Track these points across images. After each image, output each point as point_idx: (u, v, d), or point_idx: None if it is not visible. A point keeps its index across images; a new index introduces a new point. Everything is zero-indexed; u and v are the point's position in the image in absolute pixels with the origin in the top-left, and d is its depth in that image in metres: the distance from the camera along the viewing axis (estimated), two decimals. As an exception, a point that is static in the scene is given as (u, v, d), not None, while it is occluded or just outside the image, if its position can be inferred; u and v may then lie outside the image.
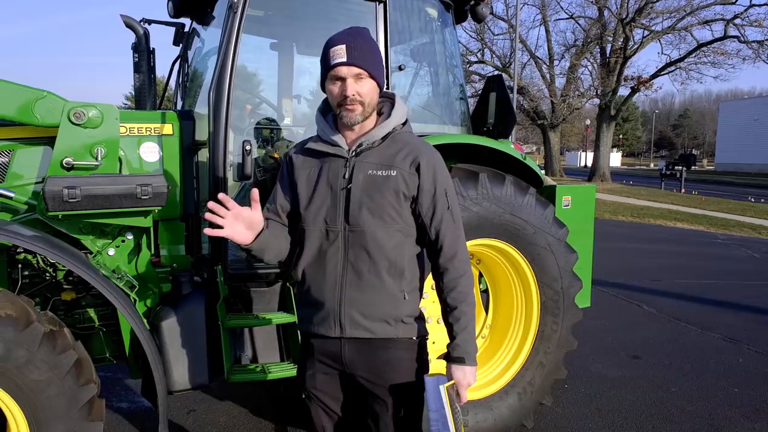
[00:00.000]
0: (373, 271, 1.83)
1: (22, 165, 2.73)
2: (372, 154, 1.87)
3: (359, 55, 1.80)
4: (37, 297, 2.83)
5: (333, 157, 1.89)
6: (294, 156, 1.99)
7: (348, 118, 1.83)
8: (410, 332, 1.91)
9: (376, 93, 1.87)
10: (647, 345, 5.31)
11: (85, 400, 2.25)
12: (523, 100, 30.12)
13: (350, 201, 1.84)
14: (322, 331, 1.89)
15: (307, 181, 1.92)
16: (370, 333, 1.85)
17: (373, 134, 1.88)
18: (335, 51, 1.80)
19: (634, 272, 8.60)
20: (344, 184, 1.85)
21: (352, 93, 1.79)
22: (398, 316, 1.87)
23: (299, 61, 4.33)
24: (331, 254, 1.86)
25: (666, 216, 16.42)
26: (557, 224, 3.38)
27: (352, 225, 1.84)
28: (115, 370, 4.08)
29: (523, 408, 3.38)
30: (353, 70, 1.79)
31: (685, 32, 27.39)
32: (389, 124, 1.90)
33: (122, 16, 3.49)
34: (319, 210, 1.88)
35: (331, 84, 1.83)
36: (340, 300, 1.84)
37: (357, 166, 1.86)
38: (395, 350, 1.89)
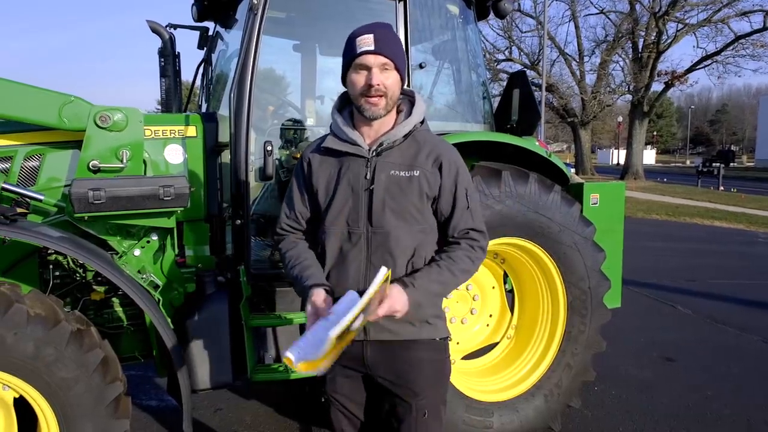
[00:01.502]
0: (396, 272, 1.81)
1: (51, 168, 2.80)
2: (393, 153, 1.84)
3: (387, 45, 1.77)
4: (68, 297, 2.90)
5: (353, 156, 1.85)
6: (311, 156, 1.94)
7: (370, 111, 1.78)
8: (433, 333, 1.89)
9: (398, 88, 1.83)
10: (681, 347, 5.15)
11: (112, 398, 2.30)
12: (552, 98, 29.67)
13: (373, 202, 1.81)
14: None
15: (327, 182, 1.88)
16: (394, 335, 1.84)
17: (394, 133, 1.84)
18: (362, 40, 1.76)
19: (669, 272, 8.36)
20: (366, 185, 1.82)
21: (378, 83, 1.75)
22: (422, 317, 1.85)
23: (322, 62, 4.35)
24: (354, 256, 1.83)
25: (703, 214, 15.92)
26: (584, 222, 3.30)
27: (375, 226, 1.81)
28: (145, 368, 4.15)
29: (549, 410, 3.31)
30: (380, 60, 1.75)
31: (722, 24, 26.53)
32: (410, 123, 1.86)
33: (148, 22, 3.55)
34: (340, 212, 1.84)
35: (354, 73, 1.79)
36: None
37: (379, 167, 1.82)
38: (418, 351, 1.86)
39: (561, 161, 3.52)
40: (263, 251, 3.22)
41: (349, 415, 1.98)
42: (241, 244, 2.95)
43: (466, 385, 3.20)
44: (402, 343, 1.85)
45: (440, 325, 1.92)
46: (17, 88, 2.61)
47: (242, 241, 2.93)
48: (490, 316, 3.54)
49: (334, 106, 1.96)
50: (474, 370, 3.49)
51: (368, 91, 1.76)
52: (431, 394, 1.90)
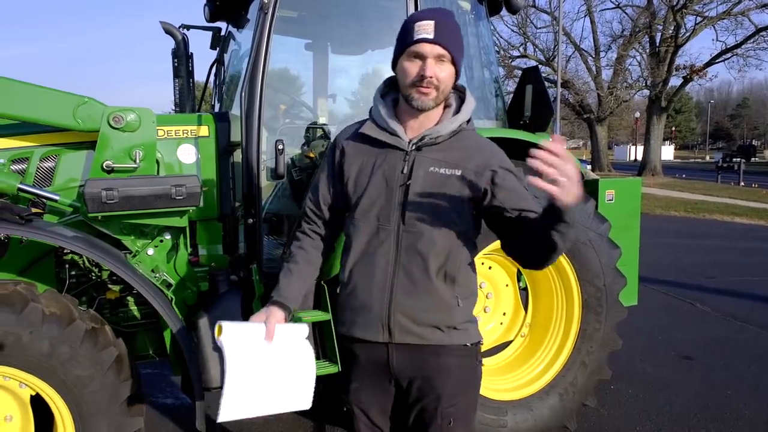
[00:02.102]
0: (427, 275, 1.70)
1: (66, 169, 2.84)
2: (435, 149, 1.72)
3: (447, 35, 1.64)
4: (84, 296, 2.94)
5: (390, 148, 1.73)
6: (345, 142, 1.82)
7: (419, 101, 1.66)
8: (464, 338, 1.77)
9: (452, 81, 1.70)
10: (700, 345, 5.06)
11: (126, 396, 2.33)
12: (568, 94, 29.39)
13: (408, 198, 1.69)
14: (368, 336, 1.75)
15: (359, 171, 1.76)
16: (421, 339, 1.72)
17: (440, 129, 1.72)
18: (421, 26, 1.63)
19: (687, 269, 8.23)
20: (402, 180, 1.70)
21: (431, 74, 1.62)
22: (451, 324, 1.74)
23: (334, 61, 4.35)
24: (381, 254, 1.71)
25: (723, 210, 15.65)
26: (599, 219, 3.26)
27: (408, 225, 1.69)
28: (161, 366, 4.19)
29: (564, 409, 3.27)
30: (437, 50, 1.63)
31: (742, 17, 26.06)
32: (458, 120, 1.74)
33: (162, 23, 3.58)
34: (371, 205, 1.73)
35: (407, 60, 1.66)
36: (389, 304, 1.70)
37: (417, 161, 1.71)
38: (447, 357, 1.75)
39: (575, 158, 3.47)
40: (276, 250, 3.23)
41: (371, 427, 1.87)
42: (253, 243, 2.96)
43: (479, 383, 3.17)
44: (431, 348, 1.73)
45: (471, 329, 1.80)
46: (33, 90, 2.65)
47: (255, 240, 2.95)
48: (503, 314, 3.51)
49: (378, 90, 1.83)
50: (488, 369, 3.46)
51: (420, 81, 1.64)
52: (459, 401, 1.79)
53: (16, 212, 2.22)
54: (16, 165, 2.76)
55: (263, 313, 1.74)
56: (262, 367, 1.66)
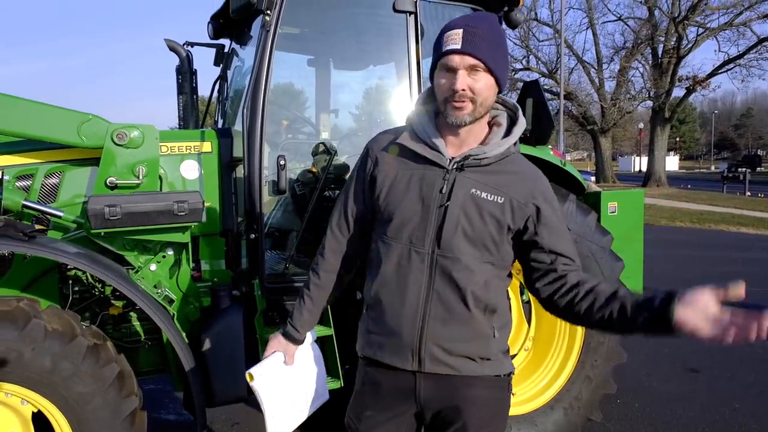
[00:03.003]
0: (464, 304, 1.59)
1: (71, 185, 2.86)
2: (479, 171, 1.60)
3: (477, 43, 1.50)
4: (87, 312, 2.95)
5: (430, 164, 1.61)
6: (380, 153, 1.69)
7: (454, 117, 1.55)
8: (496, 369, 1.67)
9: (492, 92, 1.57)
10: (706, 358, 5.02)
11: (128, 412, 2.31)
12: (571, 106, 29.46)
13: (445, 221, 1.57)
14: (395, 362, 1.64)
15: (393, 185, 1.64)
16: (453, 370, 1.62)
17: (487, 150, 1.60)
18: (450, 36, 1.52)
19: (693, 280, 8.11)
20: (441, 201, 1.58)
21: (462, 87, 1.51)
22: (486, 355, 1.64)
23: (336, 76, 4.39)
24: (414, 278, 1.59)
25: (729, 221, 15.58)
26: (600, 231, 3.26)
27: (444, 249, 1.58)
28: (164, 382, 4.19)
29: (569, 424, 3.25)
30: (467, 60, 1.50)
31: (744, 27, 26.17)
32: (507, 142, 1.62)
33: (166, 41, 3.63)
34: (404, 224, 1.61)
35: (440, 75, 1.56)
36: (421, 332, 1.60)
37: (459, 182, 1.59)
38: (478, 388, 1.65)
39: (575, 170, 3.48)
40: (278, 265, 3.24)
41: None
42: (255, 259, 2.97)
43: (483, 398, 3.16)
44: (461, 378, 1.63)
45: (504, 360, 1.70)
46: (38, 108, 2.68)
47: (257, 256, 2.95)
48: (507, 328, 3.49)
49: (419, 100, 1.71)
50: (491, 383, 3.44)
51: (452, 95, 1.53)
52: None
53: (20, 229, 2.23)
54: (21, 181, 2.78)
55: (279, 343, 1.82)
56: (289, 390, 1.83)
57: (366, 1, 3.27)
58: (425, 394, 1.65)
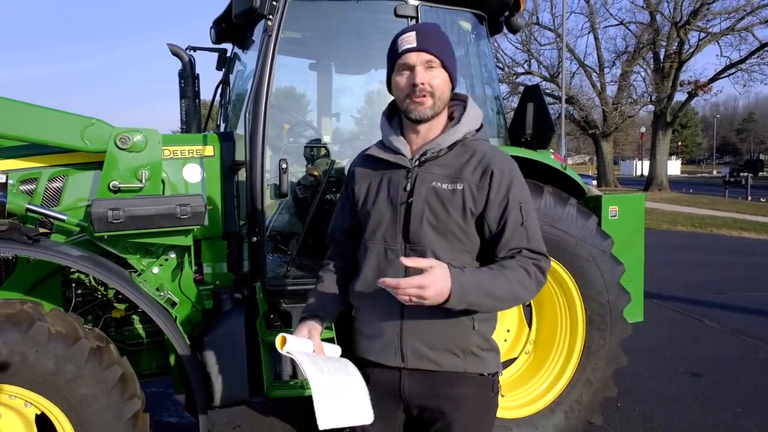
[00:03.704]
0: None
1: (74, 189, 2.88)
2: (437, 164, 1.67)
3: (430, 41, 1.63)
4: (90, 314, 2.96)
5: (394, 167, 1.72)
6: (355, 168, 1.83)
7: (417, 112, 1.63)
8: (480, 367, 1.69)
9: (448, 87, 1.67)
10: (708, 362, 5.01)
11: (130, 414, 2.32)
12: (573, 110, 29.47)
13: (411, 216, 1.65)
14: (381, 359, 1.71)
15: (368, 193, 1.75)
16: (435, 365, 1.66)
17: (439, 141, 1.67)
18: (404, 38, 1.64)
19: (695, 285, 8.17)
20: (405, 198, 1.66)
21: (421, 81, 1.60)
22: (466, 347, 1.66)
23: (338, 80, 4.42)
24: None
25: (730, 225, 15.55)
26: (601, 235, 3.27)
27: (413, 243, 1.65)
28: (165, 384, 4.20)
29: (570, 427, 3.25)
30: (423, 57, 1.61)
31: (746, 32, 26.15)
32: (459, 131, 1.69)
33: (169, 45, 3.65)
34: (378, 226, 1.71)
35: (398, 75, 1.66)
36: (401, 328, 1.66)
37: (420, 177, 1.67)
38: (462, 386, 1.67)
39: (576, 174, 3.49)
40: (279, 268, 3.25)
41: None
42: (257, 262, 2.99)
43: (484, 401, 3.16)
44: (445, 374, 1.66)
45: (488, 358, 1.71)
46: (42, 112, 2.70)
47: (259, 259, 2.97)
48: (507, 331, 3.51)
49: (384, 113, 1.83)
50: (492, 387, 3.45)
51: (413, 91, 1.62)
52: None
53: (24, 232, 2.25)
54: (25, 185, 2.80)
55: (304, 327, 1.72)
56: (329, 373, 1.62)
57: (368, 6, 3.29)
58: (409, 390, 1.70)
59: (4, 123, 2.63)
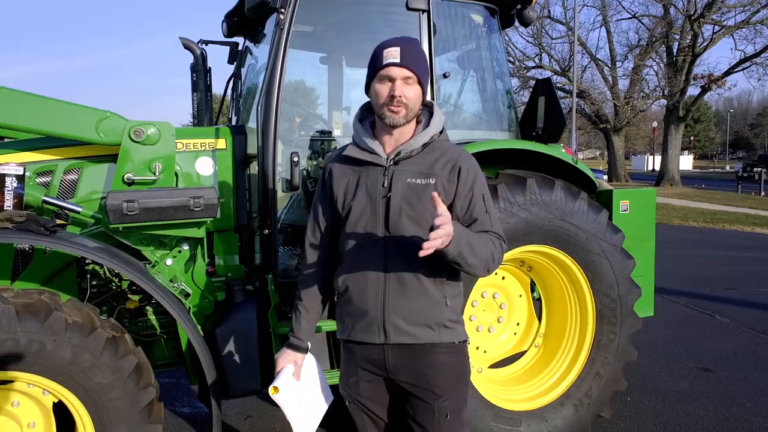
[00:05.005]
0: (416, 278, 1.86)
1: (89, 181, 2.92)
2: (410, 162, 1.89)
3: (412, 59, 1.83)
4: (104, 305, 3.01)
5: (371, 165, 1.91)
6: (332, 165, 2.01)
7: (390, 119, 1.84)
8: (452, 336, 1.93)
9: (419, 100, 1.89)
10: (719, 357, 4.99)
11: (145, 403, 2.36)
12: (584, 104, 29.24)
13: (390, 209, 1.86)
14: (365, 338, 1.92)
15: (346, 190, 1.94)
16: (414, 338, 1.88)
17: (412, 143, 1.90)
18: (389, 52, 1.83)
19: (707, 280, 8.12)
20: (384, 193, 1.87)
21: (400, 94, 1.81)
22: (441, 321, 1.89)
23: (348, 74, 4.42)
24: (372, 262, 1.88)
25: (743, 221, 15.40)
26: (612, 229, 3.26)
27: (393, 233, 1.86)
28: (178, 375, 4.26)
29: (580, 420, 3.26)
30: (404, 72, 1.82)
31: (761, 25, 25.77)
32: (428, 133, 1.92)
33: (181, 39, 3.68)
34: (358, 219, 1.90)
35: (378, 83, 1.85)
36: (383, 308, 1.87)
37: (396, 175, 1.88)
38: (438, 354, 1.90)
39: (587, 168, 3.48)
40: (291, 260, 3.28)
41: (373, 417, 2.02)
42: (269, 254, 3.01)
43: (493, 394, 3.18)
44: (422, 346, 1.89)
45: (459, 329, 1.96)
46: (58, 105, 2.74)
47: (270, 251, 3.00)
48: (517, 324, 3.51)
49: (356, 116, 2.02)
50: (501, 379, 3.46)
51: (391, 101, 1.82)
52: (452, 396, 1.93)
53: (41, 224, 2.29)
54: (41, 178, 2.85)
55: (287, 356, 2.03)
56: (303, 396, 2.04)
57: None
58: (393, 362, 1.91)
59: (20, 116, 2.68)
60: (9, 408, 2.28)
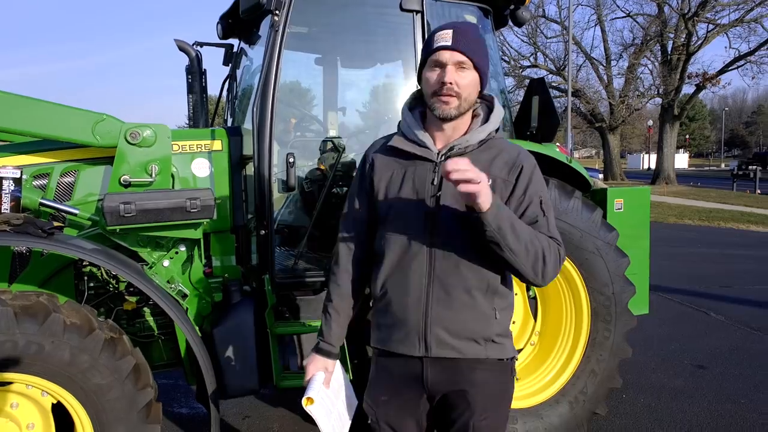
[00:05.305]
0: (463, 287, 1.68)
1: (85, 184, 2.93)
2: None
3: (466, 42, 1.64)
4: (102, 307, 3.02)
5: (419, 159, 1.72)
6: (374, 156, 1.81)
7: (440, 110, 1.66)
8: (500, 353, 1.74)
9: (476, 89, 1.69)
10: (714, 354, 5.03)
11: (144, 404, 2.37)
12: (579, 103, 29.34)
13: (439, 209, 1.68)
14: (402, 350, 1.73)
15: (389, 184, 1.75)
16: (458, 353, 1.69)
17: (469, 138, 1.71)
18: (440, 35, 1.66)
19: (702, 278, 8.16)
20: (433, 191, 1.68)
21: (450, 80, 1.62)
22: (488, 336, 1.71)
23: (343, 75, 4.44)
24: (415, 267, 1.69)
25: (738, 219, 15.48)
26: (606, 228, 3.29)
27: (440, 236, 1.67)
28: (176, 376, 4.27)
29: (575, 417, 3.28)
30: (456, 57, 1.63)
31: (755, 24, 25.94)
32: (486, 129, 1.73)
33: (176, 41, 3.69)
34: (401, 218, 1.72)
35: (429, 71, 1.68)
36: (425, 317, 1.68)
37: None
38: (483, 371, 1.72)
39: (581, 167, 3.51)
40: (287, 261, 3.29)
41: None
42: (265, 254, 3.03)
43: (489, 392, 3.20)
44: (466, 362, 1.71)
45: (507, 344, 1.76)
46: (54, 108, 2.75)
47: (267, 252, 3.01)
48: (513, 322, 3.52)
49: (405, 104, 1.84)
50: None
51: (440, 89, 1.64)
52: (492, 415, 1.74)
53: (39, 226, 2.30)
54: (38, 180, 2.86)
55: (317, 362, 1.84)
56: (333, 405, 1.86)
57: (373, 0, 3.31)
58: (432, 378, 1.72)
59: (17, 119, 2.69)
60: (8, 409, 2.29)
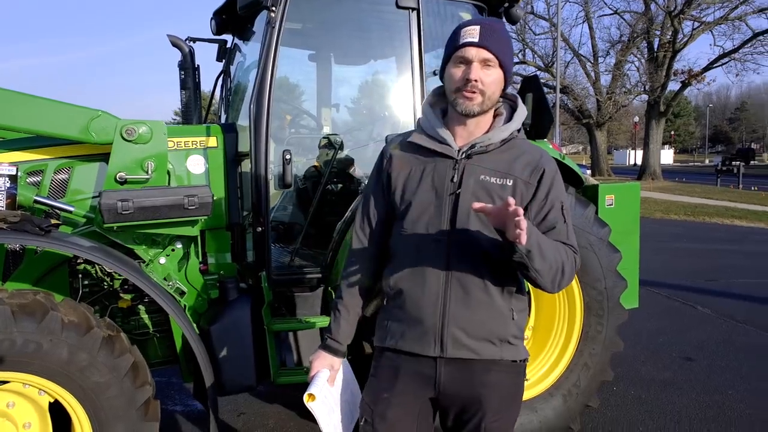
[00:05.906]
0: (482, 286, 1.66)
1: (80, 181, 2.91)
2: (486, 158, 1.68)
3: (493, 39, 1.61)
4: (96, 305, 3.00)
5: (439, 156, 1.70)
6: (393, 152, 1.79)
7: (463, 106, 1.63)
8: (514, 354, 1.72)
9: (500, 87, 1.67)
10: (701, 347, 5.12)
11: (142, 401, 2.37)
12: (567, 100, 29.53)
13: (458, 208, 1.65)
14: (417, 349, 1.70)
15: (408, 180, 1.73)
16: (474, 354, 1.67)
17: (491, 137, 1.68)
18: (467, 30, 1.63)
19: (688, 272, 8.29)
20: (452, 189, 1.66)
21: (475, 78, 1.60)
22: (504, 337, 1.69)
23: (337, 71, 4.44)
24: (433, 265, 1.66)
25: (722, 214, 15.72)
26: (599, 223, 3.33)
27: (459, 235, 1.65)
28: (170, 374, 4.25)
29: (569, 410, 3.33)
30: (482, 54, 1.61)
31: (739, 22, 26.26)
32: (509, 128, 1.70)
33: (169, 36, 3.66)
34: (420, 215, 1.70)
35: (453, 66, 1.65)
36: (442, 317, 1.66)
37: (468, 170, 1.67)
38: (497, 373, 1.70)
39: (574, 163, 3.55)
40: (283, 257, 3.30)
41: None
42: (261, 251, 3.03)
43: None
44: (481, 362, 1.68)
45: (521, 346, 1.75)
46: (48, 104, 2.72)
47: (263, 249, 3.02)
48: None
49: (426, 100, 1.82)
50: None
51: (465, 85, 1.62)
52: (503, 416, 1.73)
53: (36, 223, 2.28)
54: (32, 177, 2.83)
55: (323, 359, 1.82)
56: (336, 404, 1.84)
57: (368, -3, 3.32)
58: (445, 379, 1.69)
59: (10, 115, 2.65)
60: (4, 409, 2.27)
